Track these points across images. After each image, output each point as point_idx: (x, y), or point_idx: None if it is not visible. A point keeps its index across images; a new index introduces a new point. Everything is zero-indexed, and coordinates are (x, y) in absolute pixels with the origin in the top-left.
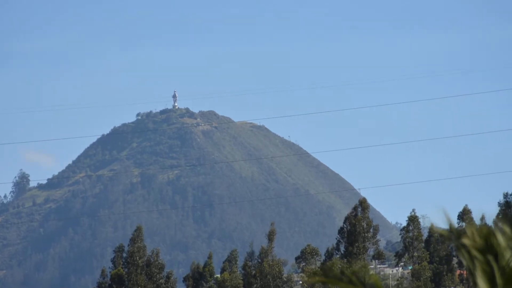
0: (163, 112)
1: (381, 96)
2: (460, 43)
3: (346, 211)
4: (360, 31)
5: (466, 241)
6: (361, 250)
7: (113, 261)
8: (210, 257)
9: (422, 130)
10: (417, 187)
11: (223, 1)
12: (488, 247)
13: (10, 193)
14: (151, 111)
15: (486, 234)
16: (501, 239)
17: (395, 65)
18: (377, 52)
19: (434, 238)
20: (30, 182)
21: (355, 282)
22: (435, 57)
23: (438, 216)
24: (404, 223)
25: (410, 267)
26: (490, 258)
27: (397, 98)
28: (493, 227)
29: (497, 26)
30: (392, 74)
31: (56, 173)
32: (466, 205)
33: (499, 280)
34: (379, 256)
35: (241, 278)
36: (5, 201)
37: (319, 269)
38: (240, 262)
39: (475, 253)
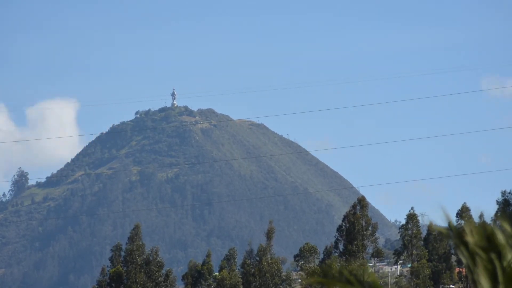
0: (162, 110)
1: (379, 94)
2: (457, 42)
3: (345, 209)
4: (358, 29)
5: (468, 238)
6: (360, 248)
7: (111, 259)
8: (208, 255)
9: (421, 129)
10: (416, 185)
11: (222, 0)
12: (490, 245)
13: (9, 191)
14: (150, 109)
15: (488, 232)
16: (501, 237)
17: (394, 63)
18: (376, 50)
19: (433, 236)
20: (29, 181)
21: (353, 282)
22: (434, 55)
23: (437, 214)
24: (403, 221)
25: (409, 265)
26: (493, 256)
27: (396, 96)
28: (492, 225)
29: (494, 23)
30: (391, 71)
31: (55, 171)
32: (465, 203)
33: (501, 277)
34: (378, 254)
35: (240, 276)
36: (4, 200)
37: (317, 268)
38: (239, 260)
39: (477, 251)
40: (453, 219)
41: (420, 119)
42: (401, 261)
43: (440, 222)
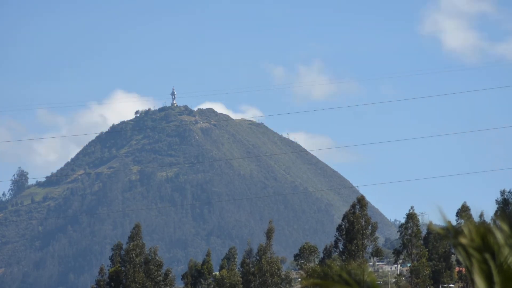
0: (161, 109)
1: (379, 93)
2: (458, 41)
3: (345, 208)
4: (358, 27)
5: (463, 240)
6: (360, 247)
7: (111, 259)
8: (208, 254)
9: (421, 128)
10: (416, 185)
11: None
12: (485, 246)
13: (8, 191)
14: (149, 109)
15: (483, 232)
16: (499, 236)
17: (394, 61)
18: (376, 49)
19: (433, 236)
20: (29, 180)
21: (351, 283)
22: (438, 53)
23: (437, 213)
24: (403, 221)
25: (408, 264)
26: (488, 256)
27: (395, 95)
28: (491, 224)
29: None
30: (391, 70)
31: (54, 170)
32: (465, 202)
33: (496, 278)
34: (377, 254)
35: (240, 275)
36: (3, 199)
37: (318, 267)
38: (239, 259)
39: (472, 252)
40: (451, 219)
41: (419, 119)
42: (400, 260)
43: (440, 221)
